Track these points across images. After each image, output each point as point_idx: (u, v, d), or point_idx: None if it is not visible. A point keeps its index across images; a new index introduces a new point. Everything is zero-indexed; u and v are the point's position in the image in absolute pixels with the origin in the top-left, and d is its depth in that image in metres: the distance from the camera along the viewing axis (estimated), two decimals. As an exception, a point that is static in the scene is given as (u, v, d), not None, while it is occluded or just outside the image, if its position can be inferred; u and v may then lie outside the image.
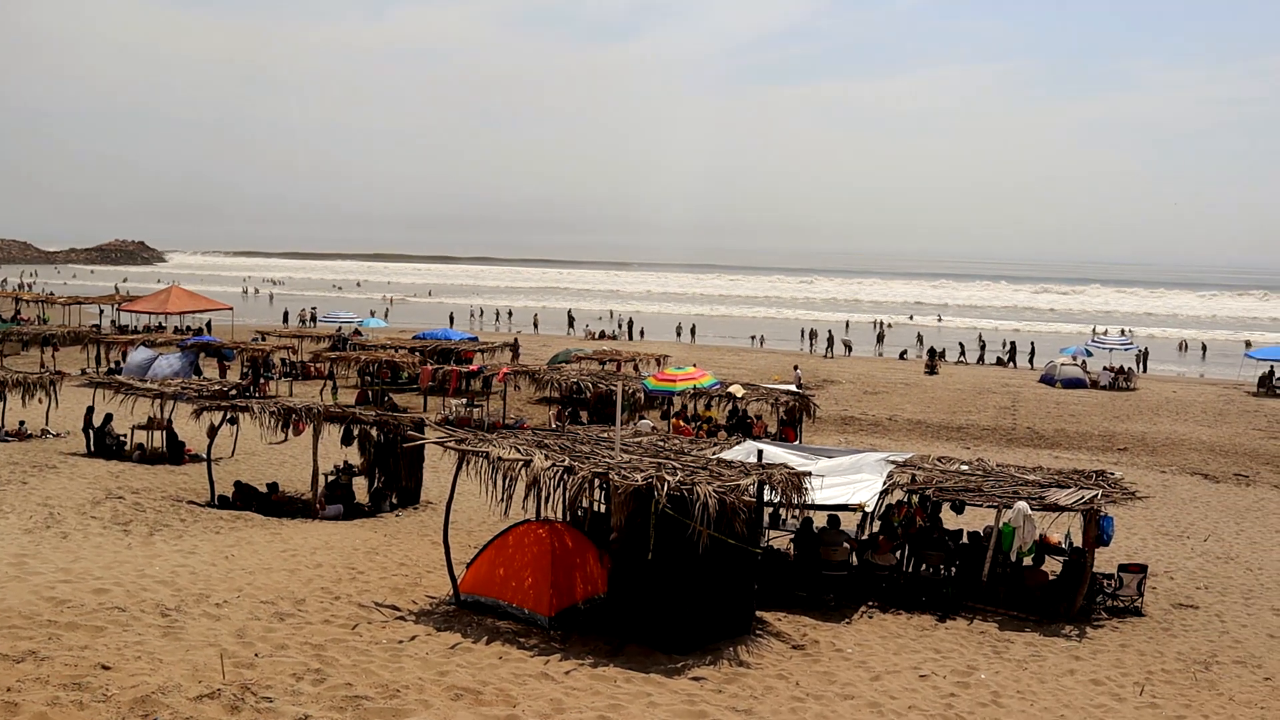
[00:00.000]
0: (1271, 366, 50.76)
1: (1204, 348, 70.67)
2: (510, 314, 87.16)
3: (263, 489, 21.09)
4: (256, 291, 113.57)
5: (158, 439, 25.43)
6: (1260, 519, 24.29)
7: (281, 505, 20.47)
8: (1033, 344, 63.57)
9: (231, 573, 14.28)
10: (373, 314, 73.18)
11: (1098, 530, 15.81)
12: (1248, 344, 70.14)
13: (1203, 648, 14.63)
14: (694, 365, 34.06)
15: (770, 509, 16.78)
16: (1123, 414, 41.13)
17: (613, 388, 27.00)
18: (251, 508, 20.09)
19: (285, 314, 75.23)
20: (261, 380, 39.79)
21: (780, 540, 18.17)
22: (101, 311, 64.72)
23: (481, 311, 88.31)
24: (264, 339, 50.32)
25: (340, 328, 58.51)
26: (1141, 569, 16.67)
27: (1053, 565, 16.93)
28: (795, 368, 47.79)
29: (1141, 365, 57.60)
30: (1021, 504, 15.73)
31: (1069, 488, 16.57)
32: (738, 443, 18.42)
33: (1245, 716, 12.03)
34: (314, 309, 76.75)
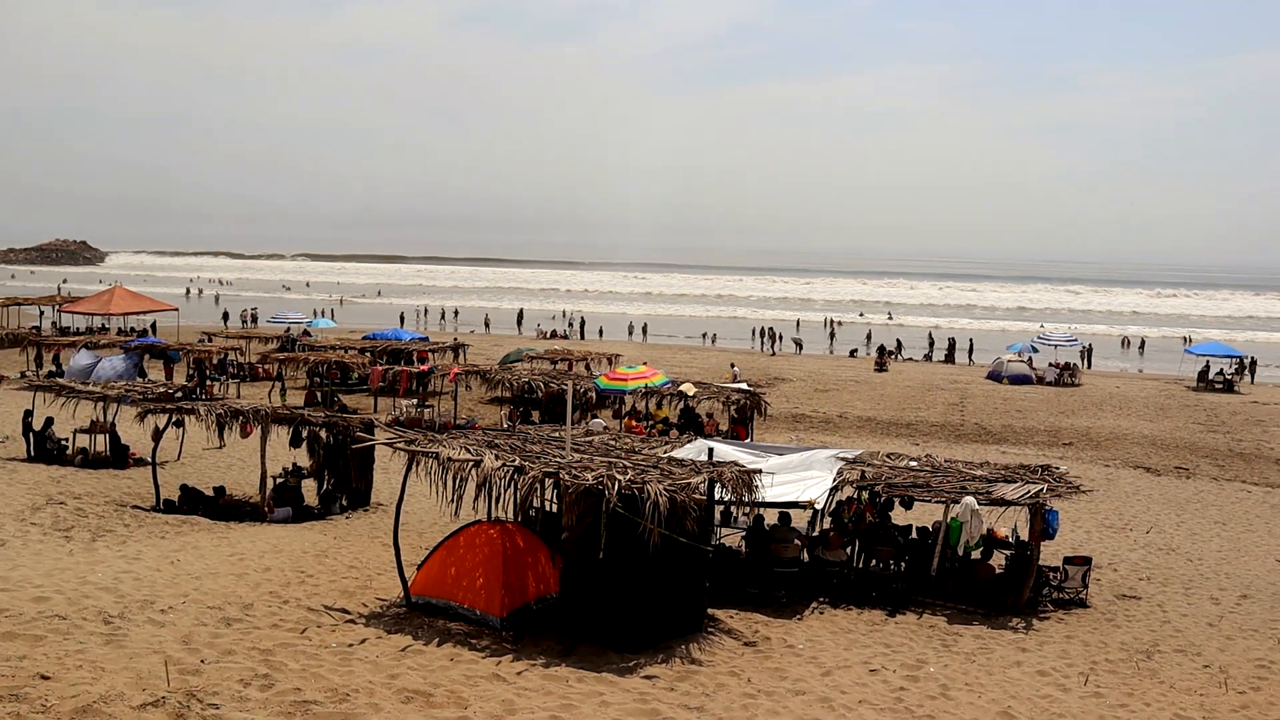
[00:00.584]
0: (1208, 362, 51.97)
1: (1141, 343, 72.24)
2: (456, 313, 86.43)
3: (209, 492, 20.76)
4: (201, 292, 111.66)
5: (101, 443, 24.94)
6: (1200, 511, 24.86)
7: (229, 509, 20.16)
8: (971, 340, 64.63)
9: (177, 578, 14.05)
10: (319, 314, 72.31)
11: (1043, 524, 16.08)
12: (1186, 340, 71.77)
13: (1145, 637, 14.93)
14: (645, 364, 34.10)
15: (721, 507, 16.85)
16: (1068, 409, 41.87)
17: (564, 387, 26.95)
18: (198, 511, 19.77)
19: (225, 314, 74.27)
20: (208, 382, 39.19)
21: (732, 538, 18.26)
22: (42, 313, 63.29)
23: (426, 310, 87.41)
24: (210, 340, 49.58)
25: (289, 328, 57.79)
26: (1086, 561, 16.98)
27: (1000, 559, 17.18)
28: (732, 365, 48.03)
29: (1086, 361, 58.70)
30: (969, 499, 15.94)
31: (1015, 482, 16.81)
32: (689, 441, 18.47)
33: (1185, 703, 12.30)
34: (254, 309, 75.89)
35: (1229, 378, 50.61)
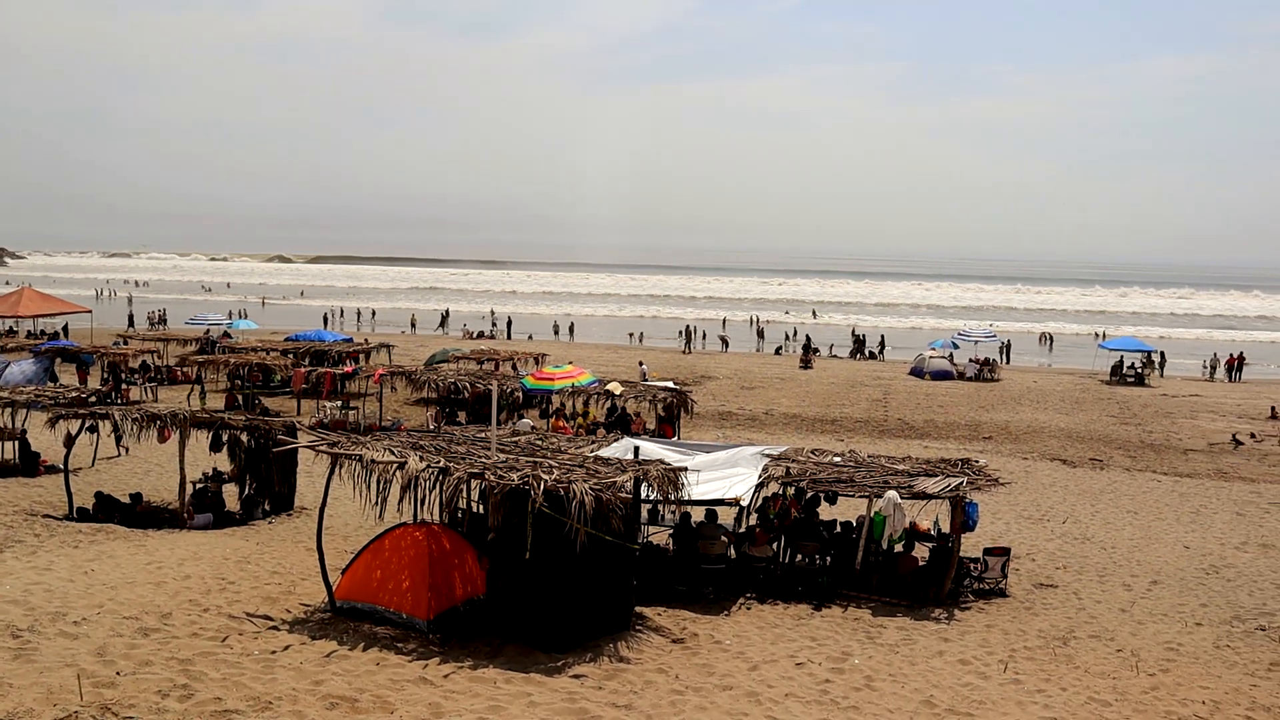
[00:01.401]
0: (1121, 356, 53.57)
1: (1051, 339, 74.48)
2: (374, 314, 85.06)
3: (126, 500, 20.25)
4: (114, 294, 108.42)
5: (9, 450, 24.15)
6: (1113, 500, 25.59)
7: (146, 516, 19.67)
8: (882, 336, 66.28)
9: (91, 588, 13.66)
10: (233, 315, 70.69)
11: (963, 516, 16.42)
12: (1099, 335, 73.91)
13: (1061, 624, 15.34)
14: (571, 363, 34.07)
15: (649, 505, 16.91)
16: (987, 404, 42.82)
17: (490, 387, 26.73)
18: (114, 520, 19.25)
19: (130, 316, 72.35)
20: (124, 386, 38.17)
21: (659, 536, 18.33)
22: (-55, 317, 60.98)
23: (343, 311, 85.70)
24: (126, 343, 48.27)
25: (208, 330, 56.53)
26: (1005, 552, 17.39)
27: (922, 551, 17.51)
28: (641, 363, 48.18)
29: (1005, 357, 60.08)
30: (892, 493, 16.20)
31: (936, 476, 17.14)
32: (616, 440, 18.49)
33: (1099, 686, 12.67)
34: (163, 310, 74.15)
35: (1140, 372, 52.23)
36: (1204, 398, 46.53)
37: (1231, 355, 57.29)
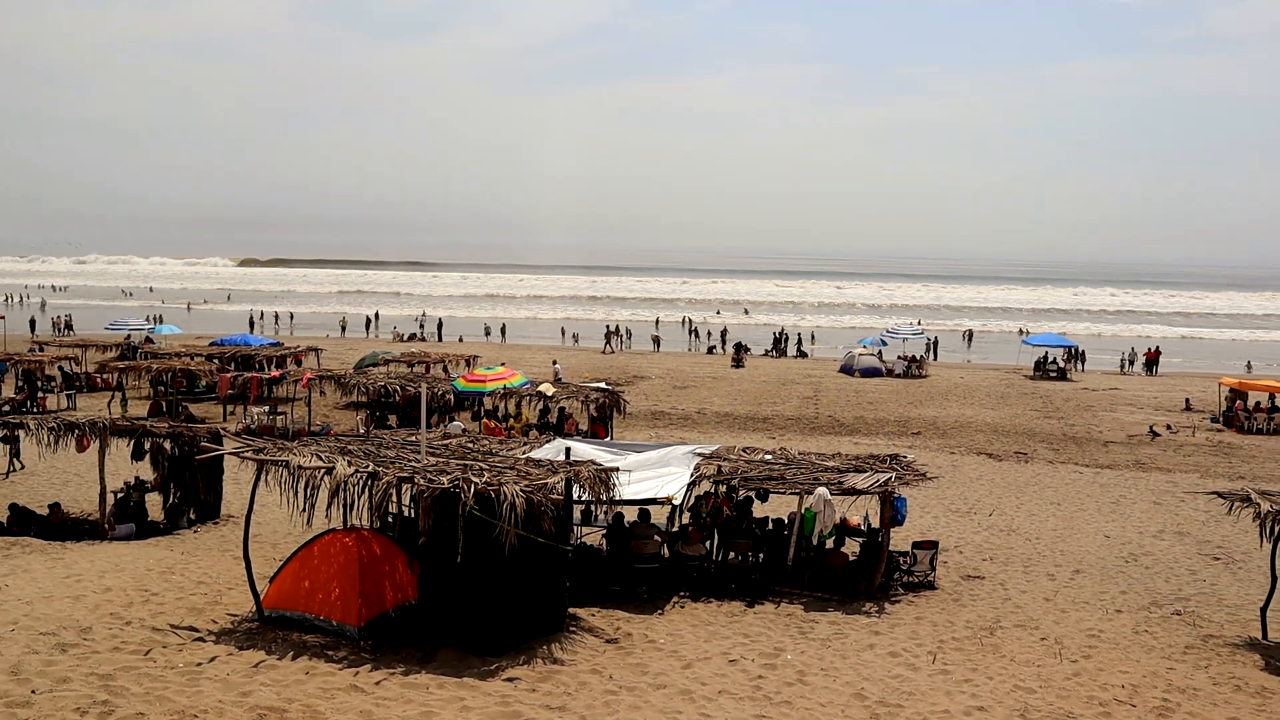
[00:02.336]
0: (1046, 352, 54.87)
1: (970, 335, 76.03)
2: (292, 317, 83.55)
3: (42, 511, 19.64)
4: (27, 298, 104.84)
5: (-82, 462, 23.32)
6: (1038, 492, 26.20)
7: (65, 527, 19.11)
8: (800, 335, 67.97)
9: (4, 604, 13.21)
10: (150, 319, 68.80)
11: (892, 511, 16.66)
12: (1023, 331, 75.57)
13: (988, 615, 15.66)
14: (503, 365, 33.90)
15: (582, 505, 16.89)
16: (916, 400, 43.52)
17: (420, 390, 26.41)
18: (30, 532, 18.64)
19: (32, 321, 70.02)
20: (40, 394, 37.06)
21: (593, 536, 18.32)
22: None
23: (262, 315, 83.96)
24: (42, 349, 46.90)
25: (129, 335, 55.13)
26: (933, 545, 17.69)
27: (853, 546, 17.74)
28: (555, 362, 48.16)
29: (932, 354, 61.11)
30: (822, 489, 16.38)
31: (866, 472, 17.37)
32: (548, 441, 18.44)
33: (1024, 674, 12.96)
34: (69, 315, 72.02)
35: (1062, 366, 53.53)
36: (1123, 391, 47.86)
37: (1149, 350, 59.02)
